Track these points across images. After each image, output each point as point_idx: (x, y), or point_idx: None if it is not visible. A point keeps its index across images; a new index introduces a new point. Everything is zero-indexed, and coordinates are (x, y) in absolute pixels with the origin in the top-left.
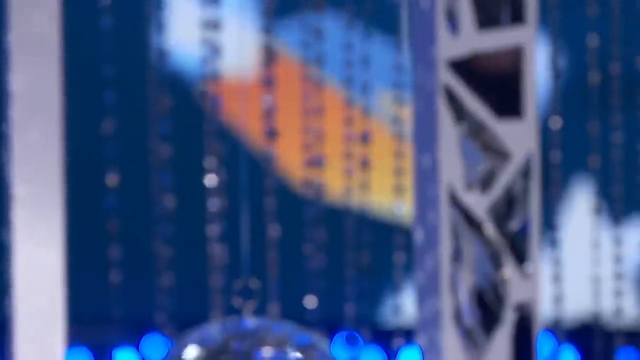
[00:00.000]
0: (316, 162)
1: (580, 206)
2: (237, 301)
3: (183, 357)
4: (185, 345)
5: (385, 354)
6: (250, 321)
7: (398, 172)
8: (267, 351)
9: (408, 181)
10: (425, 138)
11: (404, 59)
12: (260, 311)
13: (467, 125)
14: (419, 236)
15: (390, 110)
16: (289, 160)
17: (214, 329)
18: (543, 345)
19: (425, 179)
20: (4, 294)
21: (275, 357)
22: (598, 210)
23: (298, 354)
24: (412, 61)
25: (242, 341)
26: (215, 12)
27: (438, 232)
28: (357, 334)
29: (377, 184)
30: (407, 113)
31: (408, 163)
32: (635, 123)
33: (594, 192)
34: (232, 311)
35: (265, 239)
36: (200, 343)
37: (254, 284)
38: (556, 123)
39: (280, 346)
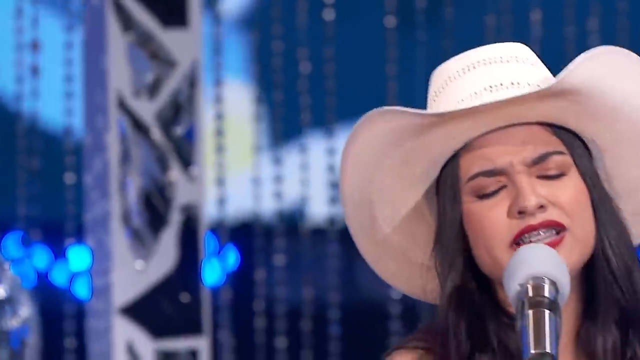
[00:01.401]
0: None
1: (241, 112)
2: None
3: None
4: None
5: (53, 254)
6: None
7: (68, 79)
8: None
9: (78, 87)
10: (94, 46)
11: None
12: None
13: (135, 35)
14: (88, 140)
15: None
16: None
17: None
18: (208, 245)
19: (95, 85)
20: None
21: None
22: (257, 117)
23: None
24: None
25: None
26: None
27: (106, 137)
28: (27, 234)
29: (47, 90)
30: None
31: (78, 70)
32: (296, 32)
33: (254, 99)
34: None
35: None
36: None
37: None
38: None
39: None
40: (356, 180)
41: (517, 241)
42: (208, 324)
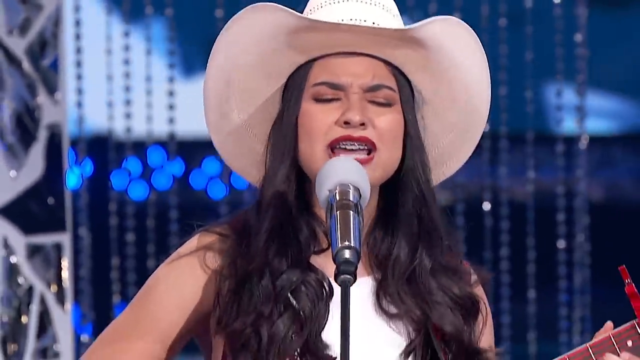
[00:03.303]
0: None
1: (98, 46)
2: None
3: None
4: None
5: None
6: None
7: None
8: None
9: None
10: None
11: None
12: None
13: None
14: None
15: None
16: None
17: None
18: (69, 157)
19: None
20: None
21: None
22: (110, 51)
23: None
24: None
25: None
26: None
27: None
28: None
29: None
30: None
31: None
32: None
33: (107, 36)
34: None
35: None
36: None
37: None
38: None
39: None
40: (220, 72)
41: (335, 146)
42: (70, 222)
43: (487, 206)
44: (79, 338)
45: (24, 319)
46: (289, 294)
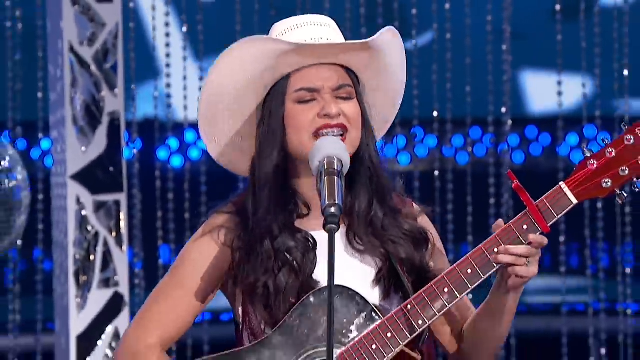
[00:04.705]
0: None
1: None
2: None
3: None
4: None
5: (30, 141)
6: None
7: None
8: None
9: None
10: (55, 15)
11: None
12: None
13: (80, 7)
14: (52, 72)
15: None
16: None
17: None
18: (125, 137)
19: (56, 39)
20: None
21: None
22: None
23: None
24: None
25: None
26: None
27: (62, 69)
28: (13, 131)
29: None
30: None
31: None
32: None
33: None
34: None
35: None
36: None
37: None
38: None
39: None
40: (213, 97)
41: (318, 133)
42: (125, 185)
43: (436, 173)
44: (133, 271)
45: (91, 257)
46: (285, 252)
